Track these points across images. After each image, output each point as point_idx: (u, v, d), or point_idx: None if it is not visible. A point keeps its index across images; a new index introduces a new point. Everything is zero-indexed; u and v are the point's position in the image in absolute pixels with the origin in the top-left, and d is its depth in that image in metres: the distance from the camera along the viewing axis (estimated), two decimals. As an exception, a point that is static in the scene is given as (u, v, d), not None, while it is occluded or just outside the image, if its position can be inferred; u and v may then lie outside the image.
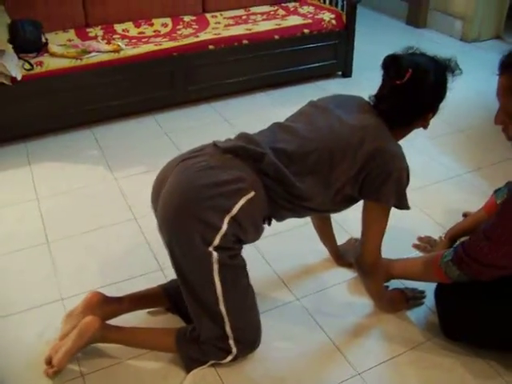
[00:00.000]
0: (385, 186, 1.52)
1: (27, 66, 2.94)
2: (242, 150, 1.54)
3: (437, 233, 2.22)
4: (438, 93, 1.59)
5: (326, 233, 2.04)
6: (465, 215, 2.26)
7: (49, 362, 1.67)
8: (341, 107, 1.63)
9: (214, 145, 1.59)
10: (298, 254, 2.17)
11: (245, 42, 3.35)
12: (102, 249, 2.23)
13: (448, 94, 1.62)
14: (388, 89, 1.58)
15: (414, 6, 4.83)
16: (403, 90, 1.54)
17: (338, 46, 3.61)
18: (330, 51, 3.61)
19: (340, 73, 3.78)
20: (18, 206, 2.53)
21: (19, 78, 2.87)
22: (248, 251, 2.11)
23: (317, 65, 3.62)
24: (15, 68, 2.87)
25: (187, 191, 1.49)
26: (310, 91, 3.46)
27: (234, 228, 1.48)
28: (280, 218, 1.69)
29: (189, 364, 1.67)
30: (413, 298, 1.89)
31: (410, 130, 1.66)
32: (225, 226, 1.46)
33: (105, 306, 1.74)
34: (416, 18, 4.82)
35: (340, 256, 2.09)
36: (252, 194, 1.50)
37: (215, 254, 1.47)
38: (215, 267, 1.49)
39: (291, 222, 2.00)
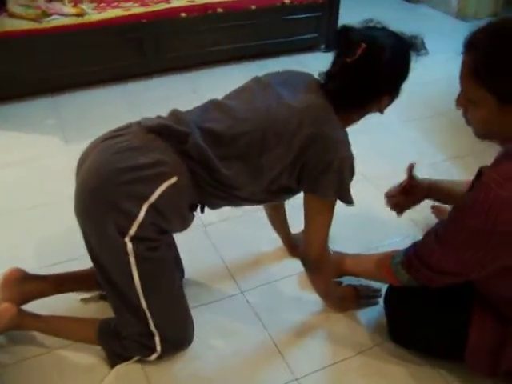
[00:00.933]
0: (324, 176, 1.34)
1: (-19, 27, 2.75)
2: (166, 130, 1.38)
3: (404, 225, 2.07)
4: (395, 73, 1.38)
5: (278, 221, 1.89)
6: (433, 208, 2.10)
7: None
8: (285, 85, 1.44)
9: (139, 123, 1.43)
10: (250, 241, 2.02)
11: (219, 10, 3.15)
12: (44, 227, 2.08)
13: (432, 74, 1.45)
14: (338, 66, 1.38)
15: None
16: (354, 68, 1.33)
17: (320, 18, 3.40)
18: (312, 24, 3.41)
19: (323, 47, 3.57)
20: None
21: (-28, 39, 2.69)
22: (197, 235, 2.02)
23: (297, 37, 3.41)
24: (-32, 29, 2.69)
25: (102, 175, 1.33)
26: (288, 65, 3.18)
27: (154, 217, 1.33)
28: (212, 206, 1.54)
29: (113, 359, 1.54)
30: (366, 297, 1.74)
31: (363, 115, 1.46)
32: (142, 215, 1.31)
33: (26, 283, 1.60)
34: (411, -8, 4.59)
35: (294, 246, 1.93)
36: (174, 179, 1.34)
37: (130, 246, 1.32)
38: (131, 260, 1.35)
39: (244, 207, 1.86)
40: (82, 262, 1.79)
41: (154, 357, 1.52)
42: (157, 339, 1.48)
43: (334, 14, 3.41)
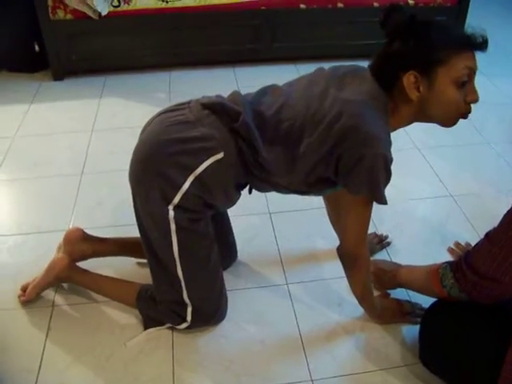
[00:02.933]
0: (355, 171, 1.30)
1: (115, 3, 2.98)
2: (220, 107, 1.42)
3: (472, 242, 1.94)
4: (421, 48, 1.28)
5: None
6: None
7: (24, 289, 1.72)
8: (343, 78, 1.39)
9: (198, 100, 1.49)
10: (310, 236, 2.01)
11: (340, 5, 3.11)
12: (126, 190, 2.23)
13: None
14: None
15: None
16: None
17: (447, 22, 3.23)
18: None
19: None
20: (72, 134, 2.62)
21: (104, 13, 2.92)
22: (261, 222, 2.06)
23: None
24: (103, 4, 2.92)
25: (154, 144, 1.41)
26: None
27: (198, 189, 1.39)
28: (258, 189, 1.56)
29: (147, 322, 1.64)
30: (410, 314, 1.67)
31: (411, 112, 1.36)
32: (187, 185, 1.37)
33: (84, 243, 1.73)
34: None
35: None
36: (221, 154, 1.38)
37: (172, 213, 1.39)
38: (172, 227, 1.41)
39: (315, 200, 1.85)
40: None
41: (183, 326, 1.59)
42: (189, 310, 1.54)
43: (461, 20, 3.21)
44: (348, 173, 1.33)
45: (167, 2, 3.01)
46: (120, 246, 1.79)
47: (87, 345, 1.60)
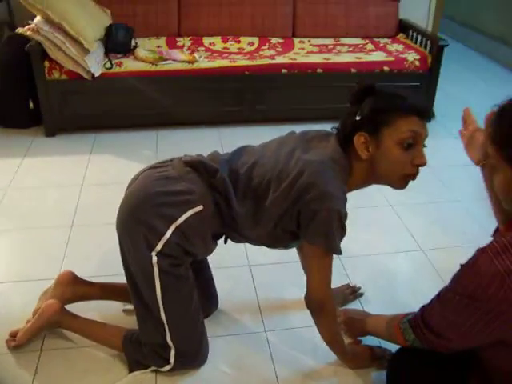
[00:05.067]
0: (312, 225, 1.44)
1: (107, 65, 3.18)
2: (200, 165, 1.57)
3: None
4: (370, 112, 1.44)
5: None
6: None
7: (13, 335, 1.79)
8: (308, 142, 1.56)
9: (180, 158, 1.64)
10: (288, 287, 2.11)
11: (319, 70, 3.35)
12: (112, 242, 2.33)
13: None
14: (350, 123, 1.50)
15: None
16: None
17: (419, 88, 3.46)
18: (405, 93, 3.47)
19: (418, 116, 3.61)
20: (62, 188, 2.75)
21: (97, 74, 3.12)
22: (242, 273, 2.17)
23: (392, 104, 3.49)
24: (96, 65, 3.13)
25: (140, 197, 1.55)
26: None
27: (179, 237, 1.51)
28: (233, 239, 1.69)
29: (132, 365, 1.71)
30: (380, 359, 1.76)
31: (364, 170, 1.50)
32: (168, 234, 1.49)
33: (75, 285, 1.84)
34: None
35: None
36: (200, 207, 1.52)
37: (155, 259, 1.51)
38: (155, 271, 1.52)
39: (295, 254, 1.97)
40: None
41: (166, 368, 1.67)
42: (172, 352, 1.63)
43: (433, 84, 3.46)
44: (306, 225, 1.46)
45: (156, 66, 3.21)
46: (107, 291, 1.89)
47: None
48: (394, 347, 1.73)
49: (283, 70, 3.32)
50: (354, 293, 2.05)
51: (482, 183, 1.50)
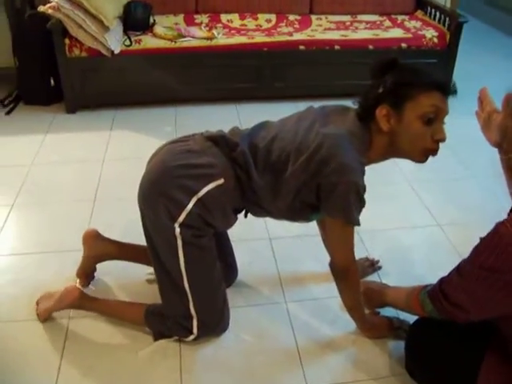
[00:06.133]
0: (331, 198, 1.48)
1: (127, 43, 3.21)
2: (221, 139, 1.62)
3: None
4: (393, 85, 1.47)
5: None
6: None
7: (38, 302, 1.87)
8: (327, 116, 1.59)
9: (202, 133, 1.68)
10: (308, 260, 2.16)
11: (337, 47, 3.35)
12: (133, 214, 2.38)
13: None
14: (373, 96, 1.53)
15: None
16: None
17: (436, 65, 3.45)
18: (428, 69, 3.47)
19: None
20: (84, 163, 2.81)
21: (117, 51, 3.15)
22: (263, 247, 2.22)
23: (410, 81, 3.49)
24: (116, 43, 3.16)
25: (162, 169, 1.59)
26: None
27: (200, 209, 1.55)
28: (254, 213, 1.73)
29: (156, 335, 1.78)
30: (398, 329, 1.81)
31: (384, 144, 1.53)
32: (190, 205, 1.54)
33: (99, 241, 1.92)
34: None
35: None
36: (221, 180, 1.56)
37: (178, 230, 1.55)
38: (179, 242, 1.57)
39: (314, 227, 2.02)
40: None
41: (190, 338, 1.73)
42: (194, 322, 1.69)
43: (451, 62, 3.45)
44: (326, 199, 1.51)
45: (175, 43, 3.24)
46: (133, 252, 1.95)
47: (102, 354, 1.74)
48: (411, 319, 1.79)
49: (301, 47, 3.33)
50: (372, 266, 2.10)
51: (498, 162, 1.52)
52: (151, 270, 1.97)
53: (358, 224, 1.52)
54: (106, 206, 2.47)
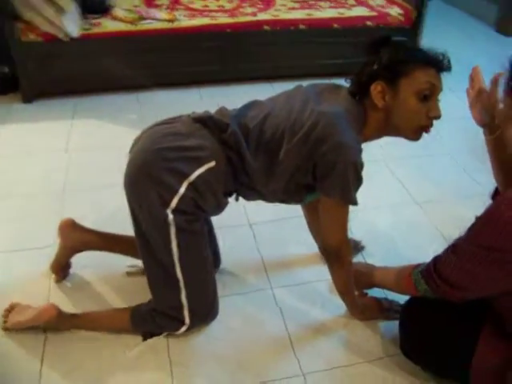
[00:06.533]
0: (328, 177, 1.43)
1: (85, 26, 3.06)
2: (210, 120, 1.54)
3: (440, 248, 2.11)
4: (388, 62, 1.45)
5: (315, 228, 1.98)
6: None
7: (8, 310, 1.73)
8: (319, 94, 1.55)
9: (189, 115, 1.60)
10: (290, 243, 2.12)
11: (301, 26, 3.30)
12: (108, 206, 2.29)
13: None
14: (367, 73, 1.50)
15: (504, 11, 4.51)
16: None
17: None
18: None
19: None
20: (48, 155, 2.67)
21: (74, 35, 3.00)
22: (243, 233, 2.16)
23: (375, 60, 3.48)
24: (74, 26, 3.00)
25: (149, 152, 1.50)
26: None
27: (193, 193, 1.48)
28: (245, 196, 1.67)
29: (146, 337, 1.70)
30: (388, 310, 1.79)
31: (379, 120, 1.50)
32: (182, 190, 1.46)
33: (74, 230, 1.81)
34: (506, 25, 4.50)
35: (328, 253, 2.02)
36: (213, 163, 1.49)
37: (171, 217, 1.47)
38: (172, 229, 1.49)
39: (293, 210, 1.98)
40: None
41: (182, 329, 1.65)
42: (185, 312, 1.61)
43: (416, 39, 3.44)
44: (323, 178, 1.46)
45: (136, 25, 3.11)
46: (111, 241, 1.85)
47: (87, 353, 1.65)
48: (400, 299, 1.78)
49: (265, 27, 3.26)
50: (356, 246, 2.07)
51: (471, 136, 1.50)
52: (131, 261, 1.91)
53: (356, 203, 1.48)
54: (77, 197, 2.35)
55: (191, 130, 1.53)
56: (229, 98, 3.23)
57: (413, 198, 2.43)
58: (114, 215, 2.20)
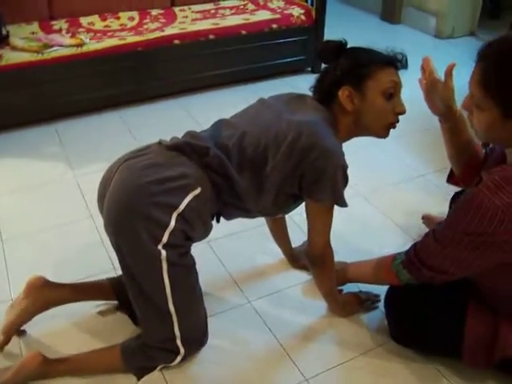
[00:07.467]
0: (319, 183, 1.48)
1: (-15, 60, 2.87)
2: (187, 146, 1.52)
3: (396, 235, 2.23)
4: (351, 67, 1.52)
5: (279, 234, 2.02)
6: (423, 218, 2.25)
7: None
8: (287, 104, 1.59)
9: (159, 143, 1.56)
10: (254, 254, 2.14)
11: (211, 36, 3.31)
12: (57, 248, 2.17)
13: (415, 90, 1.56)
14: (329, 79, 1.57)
15: (388, 2, 4.81)
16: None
17: (306, 41, 3.57)
18: (299, 47, 3.58)
19: (309, 69, 3.74)
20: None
21: (-26, 71, 2.80)
22: (202, 251, 2.12)
23: (285, 60, 3.58)
24: (-28, 61, 2.80)
25: (131, 189, 1.45)
26: (278, 87, 3.41)
27: (182, 224, 1.45)
28: (228, 217, 1.67)
29: (139, 374, 1.63)
30: (367, 301, 1.86)
31: (349, 123, 1.57)
32: (173, 223, 1.43)
33: (47, 289, 1.70)
34: (391, 13, 4.80)
35: (295, 258, 2.06)
36: (198, 190, 1.47)
37: (164, 253, 1.44)
38: (164, 266, 1.45)
39: (248, 223, 1.99)
40: (95, 279, 1.90)
41: (178, 360, 1.61)
42: (178, 342, 1.57)
43: (319, 36, 3.58)
44: (312, 185, 1.50)
45: (42, 54, 2.96)
46: (80, 291, 1.77)
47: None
48: (373, 289, 1.86)
49: (175, 41, 3.23)
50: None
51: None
52: (96, 303, 1.84)
53: (346, 205, 1.53)
54: (20, 246, 2.21)
55: (168, 159, 1.50)
56: (149, 117, 3.20)
57: (356, 190, 2.53)
58: (72, 254, 2.12)
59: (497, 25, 4.55)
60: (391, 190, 2.55)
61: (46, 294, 1.69)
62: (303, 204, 1.65)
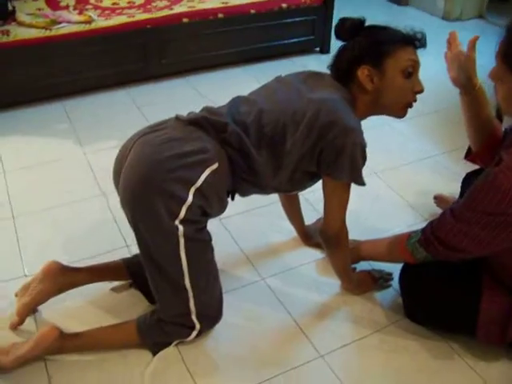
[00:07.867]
0: (338, 161, 1.47)
1: (-6, 35, 2.84)
2: (205, 121, 1.51)
3: (407, 214, 2.23)
4: (370, 45, 1.51)
5: (293, 212, 2.02)
6: (435, 198, 2.25)
7: (3, 353, 1.57)
8: (305, 82, 1.58)
9: (177, 118, 1.55)
10: (267, 232, 2.14)
11: (220, 15, 3.27)
12: (69, 225, 2.18)
13: (424, 72, 1.54)
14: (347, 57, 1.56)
15: (396, -17, 4.76)
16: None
17: (315, 21, 3.54)
18: (308, 27, 3.55)
19: (318, 49, 3.72)
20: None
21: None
22: (216, 228, 2.11)
23: (294, 40, 3.55)
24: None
25: (150, 164, 1.44)
26: (286, 67, 3.39)
27: (200, 200, 1.45)
28: (243, 193, 1.67)
29: (154, 349, 1.64)
30: (380, 280, 1.87)
31: (368, 102, 1.56)
32: (190, 198, 1.42)
33: (63, 274, 1.70)
34: (397, -6, 4.75)
35: (308, 236, 2.06)
36: (216, 165, 1.47)
37: (181, 228, 1.43)
38: (181, 241, 1.45)
39: (261, 200, 1.99)
40: (108, 256, 1.93)
41: (193, 335, 1.61)
42: (194, 317, 1.58)
43: (328, 17, 3.55)
44: (331, 163, 1.49)
45: (50, 30, 2.93)
46: (95, 273, 1.77)
47: (103, 377, 1.58)
48: (386, 267, 1.87)
49: (184, 20, 3.20)
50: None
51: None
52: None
53: (364, 183, 1.52)
54: (33, 222, 2.20)
55: (186, 133, 1.49)
56: (157, 95, 3.18)
57: (370, 168, 2.51)
58: (84, 232, 2.12)
59: (506, 8, 4.50)
60: (401, 171, 2.54)
61: (62, 279, 1.69)
62: (317, 183, 1.65)
